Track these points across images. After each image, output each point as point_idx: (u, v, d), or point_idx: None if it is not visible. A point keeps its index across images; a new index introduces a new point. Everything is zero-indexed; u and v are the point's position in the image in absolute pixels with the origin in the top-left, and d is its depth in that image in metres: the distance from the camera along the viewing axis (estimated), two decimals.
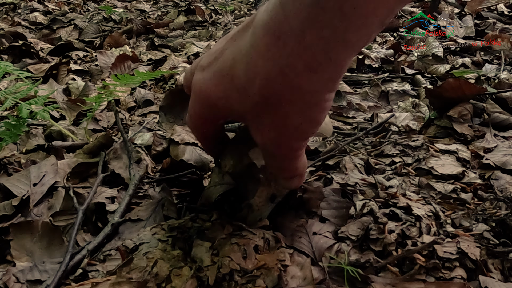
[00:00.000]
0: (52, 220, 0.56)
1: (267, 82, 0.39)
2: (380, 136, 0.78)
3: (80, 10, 2.62)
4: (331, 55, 0.36)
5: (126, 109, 1.05)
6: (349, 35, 0.35)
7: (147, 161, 0.70)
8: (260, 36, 0.38)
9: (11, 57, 1.53)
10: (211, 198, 0.53)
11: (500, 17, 1.85)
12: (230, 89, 0.42)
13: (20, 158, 0.73)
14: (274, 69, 0.38)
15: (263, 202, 0.51)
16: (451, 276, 0.44)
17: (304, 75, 0.38)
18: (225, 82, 0.42)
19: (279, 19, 0.36)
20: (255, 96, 0.40)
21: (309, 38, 0.36)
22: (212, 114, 0.47)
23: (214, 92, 0.43)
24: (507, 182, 0.59)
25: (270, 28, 0.37)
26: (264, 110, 0.41)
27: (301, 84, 0.38)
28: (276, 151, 0.44)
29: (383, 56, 1.39)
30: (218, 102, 0.44)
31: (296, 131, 0.42)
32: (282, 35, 0.37)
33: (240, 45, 0.40)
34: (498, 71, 1.15)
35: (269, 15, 0.37)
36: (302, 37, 0.36)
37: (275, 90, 0.39)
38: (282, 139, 0.43)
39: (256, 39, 0.38)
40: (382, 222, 0.49)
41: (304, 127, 0.41)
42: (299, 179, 0.48)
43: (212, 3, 2.62)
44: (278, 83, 0.38)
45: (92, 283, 0.44)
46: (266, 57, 0.38)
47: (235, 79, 0.41)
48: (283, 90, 0.39)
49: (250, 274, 0.43)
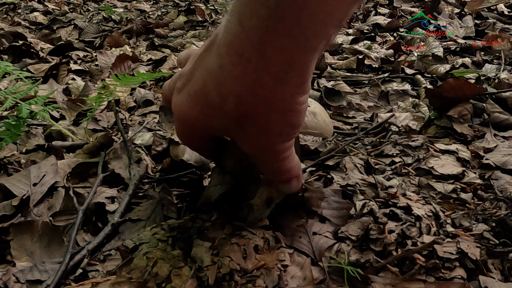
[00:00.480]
0: (52, 220, 0.56)
1: (240, 99, 0.39)
2: (380, 136, 0.78)
3: (80, 10, 2.62)
4: (295, 63, 0.37)
5: (126, 109, 1.05)
6: (309, 41, 0.36)
7: (147, 161, 0.70)
8: (224, 55, 0.38)
9: (11, 57, 1.53)
10: (211, 198, 0.53)
11: (500, 17, 1.85)
12: (206, 109, 0.42)
13: (20, 158, 0.73)
14: (243, 87, 0.39)
15: (264, 202, 0.51)
16: (451, 276, 0.44)
17: (273, 87, 0.38)
18: (200, 103, 0.42)
19: (239, 37, 0.37)
20: (232, 113, 0.41)
21: (271, 51, 0.36)
22: (195, 133, 0.48)
23: (191, 113, 0.44)
24: (507, 182, 0.59)
25: (232, 47, 0.37)
26: (243, 123, 0.42)
27: (272, 95, 0.39)
28: (265, 157, 0.45)
29: (383, 56, 1.39)
30: (198, 122, 0.44)
31: (279, 136, 0.43)
32: (244, 52, 0.37)
33: (207, 66, 0.41)
34: (498, 71, 1.15)
35: (229, 34, 0.38)
36: (263, 51, 0.36)
37: (249, 105, 0.40)
38: (266, 146, 0.44)
39: (221, 59, 0.39)
40: (382, 222, 0.49)
41: (285, 131, 0.43)
42: (297, 181, 0.49)
43: (212, 3, 2.62)
44: (251, 98, 0.39)
45: (92, 283, 0.44)
46: (234, 76, 0.38)
47: (209, 99, 0.41)
48: (256, 104, 0.40)
49: (250, 274, 0.43)
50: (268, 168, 0.47)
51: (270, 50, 0.36)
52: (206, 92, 0.41)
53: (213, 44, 0.40)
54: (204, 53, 0.42)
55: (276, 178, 0.48)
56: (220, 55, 0.39)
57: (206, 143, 0.51)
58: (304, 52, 0.36)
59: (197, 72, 0.42)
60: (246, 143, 0.44)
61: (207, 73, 0.41)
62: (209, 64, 0.40)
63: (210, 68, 0.40)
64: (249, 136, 0.43)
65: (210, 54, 0.40)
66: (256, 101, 0.39)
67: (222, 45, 0.38)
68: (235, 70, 0.38)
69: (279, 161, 0.46)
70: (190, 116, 0.44)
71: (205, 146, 0.52)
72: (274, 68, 0.37)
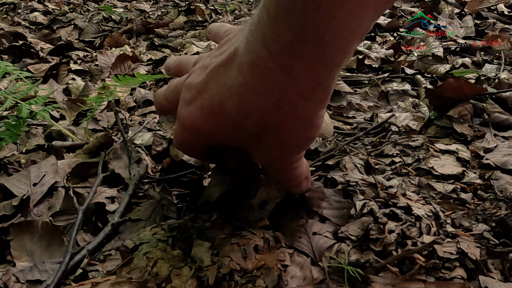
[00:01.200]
0: (52, 220, 0.56)
1: (263, 116, 0.40)
2: (380, 136, 0.78)
3: (80, 10, 2.61)
4: (321, 81, 0.37)
5: (126, 109, 1.05)
6: (334, 59, 0.36)
7: (147, 161, 0.70)
8: (247, 74, 0.38)
9: (11, 57, 1.53)
10: (211, 198, 0.53)
11: (500, 17, 1.84)
12: (223, 123, 0.42)
13: (20, 158, 0.73)
14: (268, 104, 0.39)
15: (262, 203, 0.51)
16: (451, 276, 0.44)
17: (299, 104, 0.39)
18: (217, 117, 0.42)
19: (264, 58, 0.36)
20: (252, 128, 0.41)
21: (297, 71, 0.36)
22: (204, 143, 0.48)
23: (206, 126, 0.43)
24: (507, 182, 0.59)
25: (257, 67, 0.37)
26: (262, 137, 0.42)
27: (297, 112, 0.39)
28: (280, 166, 0.46)
29: (383, 56, 1.39)
30: (212, 134, 0.44)
31: (295, 148, 0.44)
32: (270, 72, 0.37)
33: (226, 82, 0.40)
34: (498, 71, 1.15)
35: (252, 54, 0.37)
36: (290, 71, 0.36)
37: (272, 121, 0.40)
38: (282, 157, 0.44)
39: (245, 77, 0.38)
40: (382, 222, 0.49)
41: (302, 143, 0.43)
42: (306, 183, 0.50)
43: (212, 3, 2.62)
44: (275, 115, 0.39)
45: (92, 283, 0.44)
46: (259, 93, 0.38)
47: (227, 114, 0.41)
48: (280, 120, 0.40)
49: (250, 274, 0.43)
50: (281, 175, 0.48)
51: (296, 70, 0.36)
52: (225, 107, 0.41)
53: (231, 61, 0.40)
54: (220, 68, 0.41)
55: (287, 184, 0.49)
56: (243, 73, 0.38)
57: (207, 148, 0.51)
58: (329, 70, 0.37)
59: (212, 85, 0.42)
60: (261, 155, 0.45)
61: (226, 88, 0.40)
62: (228, 80, 0.40)
63: (230, 84, 0.40)
64: (266, 148, 0.43)
65: (229, 70, 0.40)
66: (281, 118, 0.40)
67: (244, 63, 0.38)
68: (260, 89, 0.38)
69: (292, 170, 0.47)
70: (203, 128, 0.44)
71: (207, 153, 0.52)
72: (300, 87, 0.37)
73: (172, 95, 0.50)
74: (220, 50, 0.44)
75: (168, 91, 0.51)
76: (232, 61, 0.40)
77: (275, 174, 0.48)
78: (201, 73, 0.44)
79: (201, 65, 0.45)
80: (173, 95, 0.50)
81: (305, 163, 0.49)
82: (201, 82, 0.43)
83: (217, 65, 0.42)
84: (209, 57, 0.45)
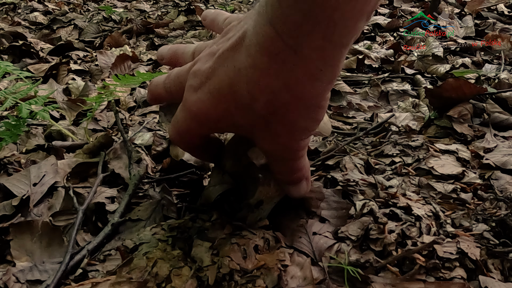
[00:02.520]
0: (52, 220, 0.56)
1: (273, 97, 0.40)
2: (380, 136, 0.78)
3: (80, 10, 2.61)
4: (329, 60, 0.38)
5: (126, 109, 1.05)
6: (342, 38, 0.36)
7: (147, 161, 0.70)
8: (256, 55, 0.38)
9: (11, 57, 1.53)
10: (211, 198, 0.53)
11: (500, 17, 1.84)
12: (232, 107, 0.42)
13: (20, 158, 0.73)
14: (278, 84, 0.39)
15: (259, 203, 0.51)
16: (451, 276, 0.44)
17: (308, 84, 0.39)
18: (225, 102, 0.42)
19: (273, 38, 0.37)
20: (261, 110, 0.41)
21: (306, 51, 0.36)
22: (209, 131, 0.48)
23: (214, 112, 0.43)
24: (507, 182, 0.59)
25: (266, 48, 0.38)
26: (270, 120, 0.42)
27: (306, 92, 0.40)
28: (286, 154, 0.46)
29: (383, 56, 1.39)
30: (220, 120, 0.44)
31: (303, 132, 0.44)
32: (279, 52, 0.37)
33: (234, 65, 0.40)
34: (498, 71, 1.15)
35: (261, 35, 0.38)
36: (299, 51, 0.36)
37: (281, 102, 0.40)
38: (289, 142, 0.44)
39: (254, 59, 0.39)
40: (382, 222, 0.49)
41: (309, 126, 0.43)
42: (306, 184, 0.50)
43: (212, 3, 2.62)
44: (284, 95, 0.40)
45: (92, 283, 0.44)
46: (268, 74, 0.39)
47: (236, 97, 0.41)
48: (289, 101, 0.40)
49: (250, 274, 0.43)
50: (284, 166, 0.48)
51: (305, 50, 0.36)
52: (234, 90, 0.41)
53: (240, 44, 0.40)
54: (228, 52, 0.41)
55: (289, 177, 0.49)
56: (252, 55, 0.39)
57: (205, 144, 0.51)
58: (337, 49, 0.37)
59: (220, 70, 0.42)
60: (269, 140, 0.45)
61: (235, 71, 0.40)
62: (237, 63, 0.40)
63: (239, 67, 0.40)
64: (273, 133, 0.43)
65: (238, 53, 0.40)
66: (290, 99, 0.40)
67: (253, 45, 0.38)
68: (270, 69, 0.38)
69: (297, 159, 0.47)
70: (211, 114, 0.44)
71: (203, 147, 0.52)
72: (309, 66, 0.37)
73: (173, 84, 0.50)
74: (227, 36, 0.44)
75: (168, 80, 0.50)
76: (241, 44, 0.40)
77: (280, 166, 0.48)
78: (208, 60, 0.44)
79: (207, 52, 0.45)
80: (174, 84, 0.49)
81: (307, 160, 0.49)
82: (209, 68, 0.43)
83: (226, 49, 0.42)
84: (215, 44, 0.45)
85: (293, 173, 0.49)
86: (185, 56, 0.54)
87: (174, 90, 0.49)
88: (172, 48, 0.57)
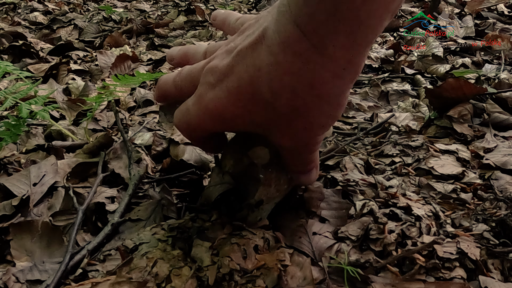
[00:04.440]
0: (52, 220, 0.56)
1: (295, 95, 0.40)
2: (380, 136, 0.78)
3: (80, 10, 2.61)
4: (353, 59, 0.38)
5: (126, 109, 1.05)
6: (367, 37, 0.36)
7: (147, 161, 0.70)
8: (279, 53, 0.38)
9: (11, 57, 1.53)
10: (211, 198, 0.53)
11: (500, 17, 1.84)
12: (251, 105, 0.42)
13: (20, 158, 0.73)
14: (301, 83, 0.39)
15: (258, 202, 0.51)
16: (451, 276, 0.44)
17: (330, 82, 0.39)
18: (244, 99, 0.42)
19: (297, 38, 0.36)
20: (282, 108, 0.41)
21: (331, 50, 0.36)
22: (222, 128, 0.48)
23: (232, 109, 0.43)
24: (507, 182, 0.59)
25: (289, 47, 0.37)
26: (290, 118, 0.42)
27: (328, 90, 0.39)
28: (303, 149, 0.46)
29: (383, 56, 1.39)
30: (236, 118, 0.44)
31: (321, 129, 0.44)
32: (304, 52, 0.37)
33: (255, 63, 0.40)
34: (498, 71, 1.15)
35: (283, 34, 0.37)
36: (324, 50, 0.36)
37: (303, 100, 0.40)
38: (308, 138, 0.45)
39: (277, 58, 0.38)
40: (382, 222, 0.49)
41: (327, 123, 0.44)
42: (316, 172, 0.51)
43: (212, 3, 2.62)
44: (306, 94, 0.39)
45: (92, 283, 0.44)
46: (291, 72, 0.38)
47: (256, 95, 0.41)
48: (311, 99, 0.40)
49: (250, 274, 0.43)
50: (299, 159, 0.48)
51: (330, 49, 0.36)
52: (254, 88, 0.41)
53: (260, 42, 0.40)
54: (247, 50, 0.41)
55: (302, 168, 0.49)
56: (274, 53, 0.38)
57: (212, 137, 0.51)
58: (361, 48, 0.37)
59: (239, 67, 0.41)
60: (287, 137, 0.45)
61: (256, 69, 0.40)
62: (258, 61, 0.40)
63: (260, 65, 0.40)
64: (292, 130, 0.43)
65: (258, 51, 0.40)
66: (312, 97, 0.40)
67: (275, 44, 0.38)
68: (293, 68, 0.38)
69: (312, 152, 0.47)
70: (228, 111, 0.43)
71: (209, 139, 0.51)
72: (332, 65, 0.37)
73: (185, 81, 0.49)
74: (245, 34, 0.43)
75: (180, 77, 0.50)
76: (261, 42, 0.40)
77: (295, 158, 0.48)
78: (225, 57, 0.43)
79: (224, 49, 0.45)
80: (186, 81, 0.49)
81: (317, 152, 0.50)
82: (227, 65, 0.42)
83: (244, 47, 0.41)
84: (232, 42, 0.45)
85: (307, 165, 0.49)
86: (196, 57, 0.54)
87: (185, 88, 0.49)
88: (182, 49, 0.57)
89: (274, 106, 0.41)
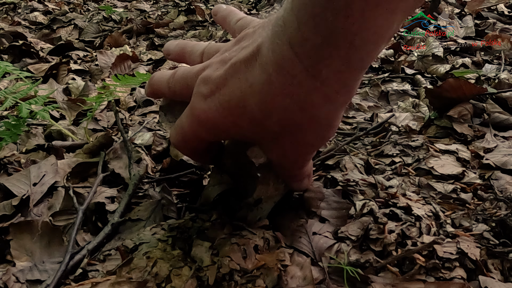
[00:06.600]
0: (52, 220, 0.56)
1: (286, 115, 0.39)
2: (380, 136, 0.78)
3: (80, 10, 2.61)
4: (347, 83, 0.37)
5: (126, 109, 1.05)
6: (362, 62, 0.36)
7: (147, 161, 0.70)
8: (273, 74, 0.37)
9: (11, 57, 1.53)
10: (210, 198, 0.53)
11: (500, 17, 1.84)
12: (241, 120, 0.42)
13: (20, 158, 0.73)
14: (292, 104, 0.38)
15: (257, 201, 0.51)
16: (451, 276, 0.44)
17: (322, 105, 0.38)
18: (235, 114, 0.41)
19: (291, 60, 0.36)
20: (272, 127, 0.41)
21: (325, 74, 0.36)
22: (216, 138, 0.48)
23: (223, 122, 0.43)
24: (507, 182, 0.59)
25: (283, 67, 0.37)
26: (280, 136, 0.42)
27: (320, 112, 0.39)
28: (292, 165, 0.46)
29: (383, 56, 1.39)
30: (228, 130, 0.44)
31: (311, 147, 0.44)
32: (297, 74, 0.36)
33: (248, 80, 0.39)
34: (498, 71, 1.15)
35: (278, 55, 0.37)
36: (317, 74, 0.36)
37: (294, 121, 0.40)
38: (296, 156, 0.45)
39: (270, 77, 0.38)
40: (382, 222, 0.49)
41: (317, 143, 0.44)
42: (308, 180, 0.51)
43: (212, 3, 2.62)
44: (297, 115, 0.39)
45: (92, 283, 0.44)
46: (283, 94, 0.38)
47: (247, 112, 0.40)
48: (301, 120, 0.40)
49: (250, 274, 0.43)
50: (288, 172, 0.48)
51: (324, 73, 0.36)
52: (245, 105, 0.40)
53: (254, 58, 0.39)
54: (241, 64, 0.40)
55: (292, 179, 0.50)
56: (267, 72, 0.38)
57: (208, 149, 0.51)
58: (356, 72, 0.37)
59: (231, 82, 0.41)
60: (275, 153, 0.44)
61: (248, 86, 0.39)
62: (251, 78, 0.39)
63: (252, 82, 0.39)
64: (282, 147, 0.43)
65: (251, 68, 0.39)
66: (303, 118, 0.39)
67: (269, 63, 0.38)
68: (285, 89, 0.37)
69: (302, 168, 0.47)
70: (220, 124, 0.43)
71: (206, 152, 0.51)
72: (325, 89, 0.37)
73: (178, 84, 0.48)
74: (240, 45, 0.43)
75: (173, 80, 0.49)
76: (255, 59, 0.39)
77: (285, 173, 0.48)
78: (219, 68, 0.43)
79: (219, 58, 0.44)
80: (180, 85, 0.48)
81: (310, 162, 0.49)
82: (220, 77, 0.42)
83: (238, 61, 0.41)
84: (228, 51, 0.44)
85: (296, 176, 0.49)
86: (193, 55, 0.53)
87: (178, 90, 0.49)
88: (180, 44, 0.56)
89: (264, 124, 0.41)
